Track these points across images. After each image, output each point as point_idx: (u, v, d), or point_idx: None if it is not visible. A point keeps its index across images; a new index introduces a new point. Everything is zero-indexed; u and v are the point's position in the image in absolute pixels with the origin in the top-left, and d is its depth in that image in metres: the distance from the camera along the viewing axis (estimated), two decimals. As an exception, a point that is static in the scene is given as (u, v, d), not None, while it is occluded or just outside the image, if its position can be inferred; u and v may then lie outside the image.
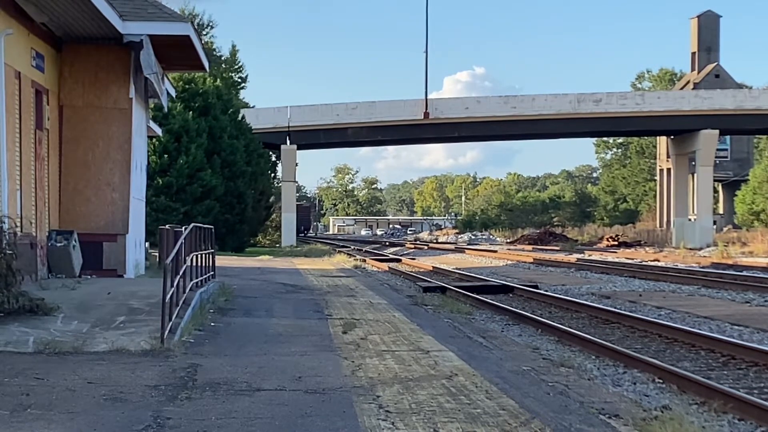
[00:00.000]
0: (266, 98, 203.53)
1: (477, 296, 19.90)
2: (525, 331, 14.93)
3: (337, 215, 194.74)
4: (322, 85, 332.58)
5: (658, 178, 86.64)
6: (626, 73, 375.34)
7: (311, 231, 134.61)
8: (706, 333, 13.85)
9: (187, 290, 12.95)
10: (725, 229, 77.68)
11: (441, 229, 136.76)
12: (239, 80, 75.79)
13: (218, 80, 49.37)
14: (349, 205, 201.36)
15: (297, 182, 67.93)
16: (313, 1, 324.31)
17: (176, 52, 20.16)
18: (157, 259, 23.62)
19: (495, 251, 49.67)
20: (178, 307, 11.43)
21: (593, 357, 12.12)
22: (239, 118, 48.26)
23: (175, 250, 11.33)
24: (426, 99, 64.34)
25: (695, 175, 66.81)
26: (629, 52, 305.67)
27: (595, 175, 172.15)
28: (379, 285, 21.92)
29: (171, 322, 10.40)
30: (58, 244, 17.26)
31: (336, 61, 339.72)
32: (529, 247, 60.24)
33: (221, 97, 45.76)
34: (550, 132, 67.15)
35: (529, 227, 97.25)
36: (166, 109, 34.11)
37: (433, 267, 32.93)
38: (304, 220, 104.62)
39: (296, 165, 63.86)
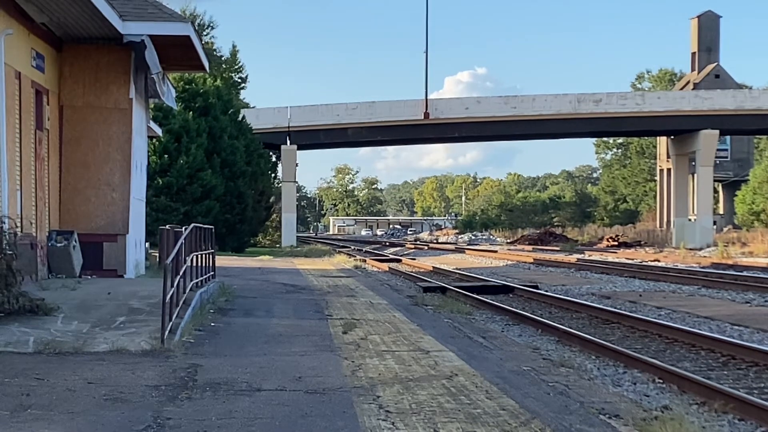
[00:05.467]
0: (266, 98, 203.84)
1: (477, 296, 19.90)
2: (525, 331, 14.93)
3: (338, 215, 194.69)
4: (322, 85, 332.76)
5: (658, 178, 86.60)
6: (626, 73, 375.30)
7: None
8: (706, 333, 13.84)
9: (187, 290, 12.94)
10: (725, 229, 77.67)
11: (441, 229, 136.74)
12: (239, 80, 75.80)
13: (218, 80, 49.37)
14: (349, 205, 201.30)
15: (297, 182, 67.92)
16: (314, 2, 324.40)
17: (176, 52, 20.16)
18: (157, 259, 23.61)
19: (495, 251, 49.66)
20: (178, 308, 11.43)
21: (593, 357, 12.12)
22: (239, 118, 48.27)
23: (175, 251, 11.32)
24: (426, 99, 64.33)
25: (695, 175, 66.82)
26: (629, 52, 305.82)
27: (595, 175, 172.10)
28: (380, 285, 21.92)
29: (171, 323, 10.39)
30: (58, 245, 17.25)
31: (336, 61, 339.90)
32: (529, 248, 60.22)
33: (221, 97, 45.75)
34: (550, 132, 67.14)
35: (529, 227, 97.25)
36: (175, 109, 34.00)
37: (433, 267, 32.92)
38: None
39: (296, 165, 63.87)
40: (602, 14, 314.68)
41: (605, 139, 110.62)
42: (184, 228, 14.65)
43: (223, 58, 73.32)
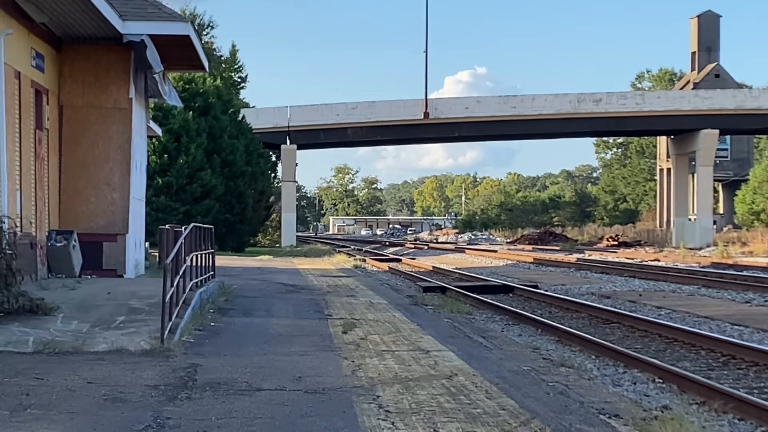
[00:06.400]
0: (266, 98, 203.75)
1: (477, 296, 19.89)
2: (525, 331, 14.93)
3: (337, 215, 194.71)
4: (322, 86, 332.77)
5: (658, 178, 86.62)
6: (626, 73, 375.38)
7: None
8: (706, 333, 13.84)
9: (187, 290, 12.94)
10: (725, 229, 77.68)
11: (441, 229, 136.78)
12: (239, 80, 75.75)
13: (218, 80, 49.35)
14: (349, 205, 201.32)
15: (297, 182, 67.92)
16: (313, 2, 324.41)
17: (176, 52, 20.14)
18: (157, 259, 23.61)
19: (495, 251, 49.66)
20: (178, 307, 11.42)
21: (593, 357, 12.12)
22: (239, 118, 48.26)
23: (175, 250, 11.32)
24: (426, 99, 64.31)
25: (695, 175, 66.82)
26: (629, 52, 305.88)
27: (595, 175, 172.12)
28: (379, 285, 21.92)
29: (171, 322, 10.39)
30: (58, 244, 17.25)
31: (336, 61, 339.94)
32: (529, 247, 60.23)
33: (221, 97, 45.75)
34: (550, 132, 67.13)
35: (529, 227, 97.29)
36: (180, 106, 33.87)
37: (433, 267, 32.92)
38: None
39: (296, 165, 63.86)
40: (602, 14, 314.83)
41: (605, 138, 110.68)
42: (183, 228, 14.63)
43: (222, 58, 73.27)
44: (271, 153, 58.78)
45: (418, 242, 79.22)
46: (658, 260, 39.65)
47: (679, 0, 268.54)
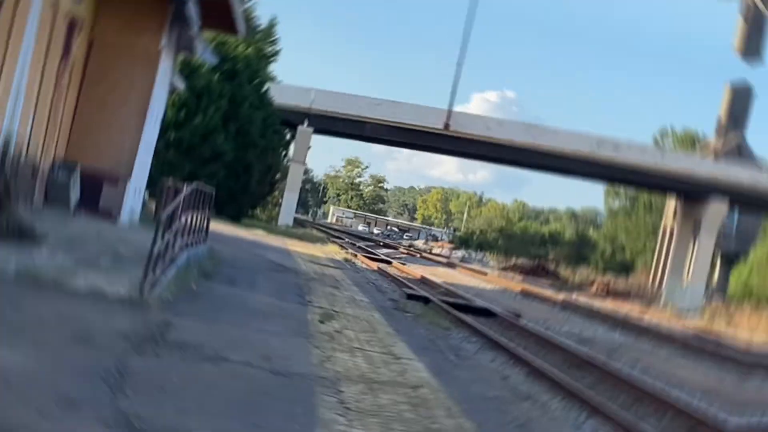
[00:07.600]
0: (287, 75, 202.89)
1: (458, 314, 19.87)
2: (498, 358, 14.91)
3: (339, 206, 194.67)
4: (344, 70, 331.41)
5: (660, 237, 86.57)
6: (646, 122, 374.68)
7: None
8: (673, 399, 13.82)
9: (176, 248, 12.92)
10: (715, 300, 77.58)
11: (437, 240, 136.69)
12: (271, 53, 75.61)
13: (250, 48, 49.30)
14: (352, 198, 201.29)
15: (306, 165, 67.93)
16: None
17: (213, 11, 20.10)
18: (153, 212, 23.60)
19: (486, 273, 49.65)
20: (164, 263, 11.41)
21: (560, 397, 12.11)
22: (263, 90, 48.23)
23: (171, 206, 11.31)
24: (450, 110, 64.28)
25: (697, 241, 66.85)
26: (654, 100, 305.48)
27: (598, 219, 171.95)
28: (365, 282, 21.92)
29: (154, 276, 10.37)
30: (59, 177, 17.24)
31: (365, 50, 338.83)
32: (520, 277, 60.16)
33: (250, 65, 45.71)
34: (565, 168, 67.08)
35: (523, 257, 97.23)
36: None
37: (422, 276, 32.90)
38: None
39: (309, 148, 63.83)
40: (635, 66, 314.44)
41: (617, 188, 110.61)
42: (186, 185, 14.62)
43: (260, 28, 73.16)
44: (286, 131, 58.77)
45: (411, 248, 79.22)
46: (644, 317, 39.61)
47: (714, 65, 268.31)
